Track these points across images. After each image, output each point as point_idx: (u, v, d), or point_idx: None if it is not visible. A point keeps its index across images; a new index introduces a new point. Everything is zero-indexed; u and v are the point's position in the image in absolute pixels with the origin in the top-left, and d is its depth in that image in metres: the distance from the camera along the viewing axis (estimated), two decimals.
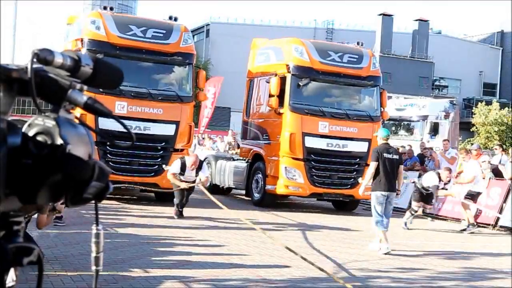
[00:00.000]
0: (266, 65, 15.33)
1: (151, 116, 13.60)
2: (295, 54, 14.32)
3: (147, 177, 13.71)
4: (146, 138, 13.59)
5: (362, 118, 14.80)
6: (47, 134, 1.18)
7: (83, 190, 1.21)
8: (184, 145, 14.13)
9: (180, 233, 9.92)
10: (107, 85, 1.46)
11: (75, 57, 1.29)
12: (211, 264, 7.57)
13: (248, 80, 16.37)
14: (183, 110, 13.99)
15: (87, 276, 6.25)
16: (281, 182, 14.15)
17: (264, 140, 14.99)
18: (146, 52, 13.67)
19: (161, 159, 13.86)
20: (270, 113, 14.65)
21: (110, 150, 13.35)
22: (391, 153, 9.68)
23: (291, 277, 7.23)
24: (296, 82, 14.27)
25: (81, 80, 1.30)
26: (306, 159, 14.16)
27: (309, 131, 14.13)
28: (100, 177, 1.23)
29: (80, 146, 1.22)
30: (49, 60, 1.24)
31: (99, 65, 1.35)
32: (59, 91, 1.25)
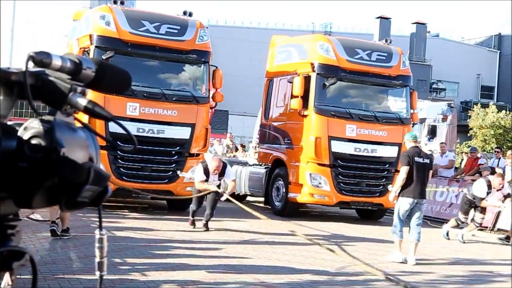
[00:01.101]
0: (287, 64, 14.28)
1: (165, 118, 12.59)
2: (320, 52, 13.27)
3: (161, 184, 12.70)
4: (160, 142, 12.60)
5: (392, 120, 13.75)
6: (42, 137, 1.17)
7: (77, 193, 1.18)
8: (200, 150, 13.11)
9: (178, 236, 9.77)
10: (113, 89, 1.44)
11: (76, 60, 1.27)
12: (210, 267, 7.55)
13: (266, 81, 15.33)
14: (199, 112, 12.98)
15: (84, 280, 6.27)
16: (305, 190, 13.09)
17: (286, 144, 13.93)
18: (159, 50, 12.66)
19: (176, 164, 12.85)
20: (293, 115, 13.60)
21: (121, 155, 12.35)
22: (422, 157, 9.09)
23: (290, 280, 7.21)
24: (322, 82, 13.22)
25: (84, 83, 1.29)
26: (333, 165, 13.10)
27: (336, 134, 13.08)
28: (97, 180, 1.20)
29: (77, 150, 1.20)
30: (46, 63, 1.22)
31: (103, 68, 1.33)
32: (59, 94, 1.25)
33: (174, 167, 12.79)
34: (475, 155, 16.81)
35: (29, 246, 7.81)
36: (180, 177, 12.73)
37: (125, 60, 12.67)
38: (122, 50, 12.38)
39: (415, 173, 8.89)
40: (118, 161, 12.36)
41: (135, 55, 12.66)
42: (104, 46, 12.27)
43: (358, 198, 13.29)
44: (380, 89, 14.18)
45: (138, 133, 12.35)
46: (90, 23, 12.64)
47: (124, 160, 12.40)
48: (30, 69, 1.21)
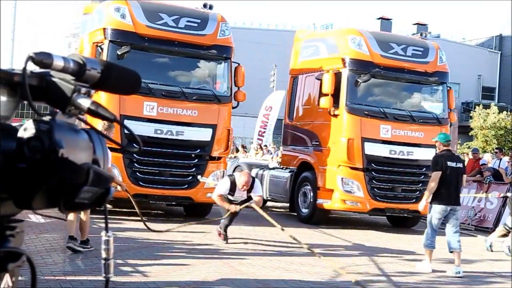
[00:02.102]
0: (314, 59, 13.28)
1: (185, 118, 11.64)
2: (352, 46, 12.26)
3: (180, 189, 11.74)
4: (179, 144, 11.66)
5: (429, 120, 12.74)
6: (41, 138, 1.16)
7: (75, 195, 1.17)
8: (221, 153, 12.16)
9: (179, 237, 9.63)
10: (120, 90, 1.43)
11: (80, 60, 1.26)
12: (210, 269, 7.52)
13: (291, 78, 14.33)
14: (221, 112, 12.03)
15: (85, 281, 6.27)
16: (336, 196, 12.08)
17: (314, 146, 12.93)
18: (178, 45, 11.71)
19: (196, 168, 11.89)
20: (322, 114, 12.60)
21: (137, 159, 11.39)
22: (454, 161, 8.59)
23: (290, 281, 7.19)
24: (354, 79, 12.21)
25: (89, 84, 1.28)
26: (366, 169, 12.09)
27: (369, 136, 12.07)
28: (97, 182, 1.19)
29: (77, 151, 1.20)
30: (46, 63, 1.21)
31: (110, 69, 1.31)
32: (62, 95, 1.24)
33: (194, 172, 11.84)
34: (477, 156, 16.54)
35: (30, 247, 7.68)
36: (201, 183, 11.78)
37: (142, 56, 11.75)
38: (139, 45, 11.45)
39: (447, 178, 8.37)
40: (134, 165, 11.41)
41: (152, 50, 11.72)
42: (119, 40, 11.33)
43: (393, 204, 12.26)
44: (415, 87, 13.17)
45: (155, 135, 11.42)
46: (104, 16, 11.70)
47: (141, 164, 11.45)
48: (34, 70, 1.22)
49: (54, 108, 1.27)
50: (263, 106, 24.57)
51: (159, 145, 11.49)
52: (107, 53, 11.25)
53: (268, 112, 24.77)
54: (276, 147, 24.82)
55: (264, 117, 24.89)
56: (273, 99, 25.08)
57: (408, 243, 11.26)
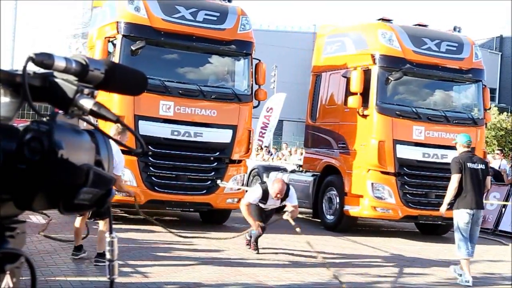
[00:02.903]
0: (340, 56, 12.45)
1: (203, 119, 10.84)
2: (383, 42, 11.42)
3: (198, 195, 10.94)
4: (197, 146, 10.87)
5: (464, 121, 11.88)
6: (41, 139, 1.15)
7: (73, 196, 1.16)
8: (242, 156, 11.35)
9: (179, 238, 9.40)
10: (125, 90, 1.43)
11: (82, 61, 1.25)
12: (211, 269, 7.53)
13: (313, 76, 13.51)
14: (241, 111, 11.23)
15: (86, 282, 6.30)
16: (365, 202, 11.24)
17: (340, 148, 12.09)
18: (196, 39, 10.91)
19: (215, 172, 11.09)
20: (349, 115, 11.77)
21: (153, 162, 10.60)
22: (475, 163, 8.22)
23: (290, 282, 7.21)
24: (385, 76, 11.37)
25: (93, 84, 1.27)
26: (398, 173, 11.25)
27: (401, 138, 11.23)
28: (97, 183, 1.18)
29: (78, 152, 1.18)
30: (47, 64, 1.21)
31: (114, 69, 1.29)
32: (65, 96, 1.23)
33: (213, 176, 11.05)
34: None
35: (31, 248, 7.61)
36: (220, 188, 10.98)
37: (157, 52, 10.98)
38: (154, 40, 10.66)
39: (468, 181, 8.04)
40: (150, 169, 10.62)
41: (168, 45, 10.92)
42: (133, 35, 10.54)
43: (427, 211, 11.39)
44: (449, 85, 12.31)
45: (172, 136, 10.64)
46: (117, 9, 10.91)
47: (157, 168, 10.66)
48: (38, 71, 1.21)
49: (55, 109, 1.26)
50: (264, 108, 24.53)
51: (176, 148, 10.71)
52: (120, 48, 10.47)
53: (269, 113, 24.98)
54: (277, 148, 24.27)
55: (265, 118, 25.09)
56: (274, 101, 25.22)
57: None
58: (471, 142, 8.46)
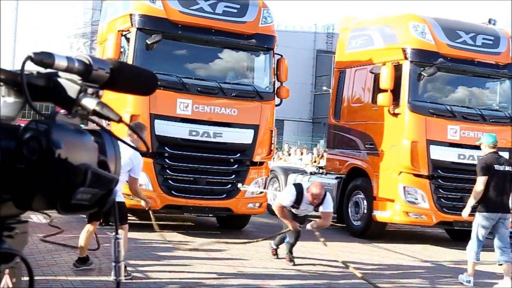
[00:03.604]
0: (367, 50, 11.70)
1: (223, 118, 10.14)
2: (415, 35, 10.66)
3: (218, 199, 10.23)
4: (217, 148, 10.15)
5: (501, 120, 11.14)
6: (39, 138, 1.14)
7: (70, 196, 1.15)
8: (264, 157, 10.63)
9: (180, 238, 9.42)
10: (133, 90, 1.41)
11: (86, 60, 1.24)
12: (212, 269, 7.51)
13: (336, 72, 12.77)
14: (263, 110, 10.52)
15: (86, 281, 6.31)
16: (397, 207, 10.48)
17: (368, 149, 11.34)
18: (216, 33, 10.20)
19: (235, 175, 10.38)
20: (377, 113, 11.02)
21: (170, 165, 9.89)
22: (502, 164, 7.92)
23: (291, 283, 7.21)
24: (417, 72, 10.61)
25: (99, 84, 1.25)
26: (431, 176, 10.49)
27: (435, 138, 10.47)
28: (95, 183, 1.16)
29: (78, 151, 1.16)
30: (47, 63, 1.20)
31: (120, 69, 1.29)
32: (68, 95, 1.22)
33: (233, 179, 10.34)
34: None
35: (32, 247, 7.57)
36: (241, 191, 10.27)
37: (174, 46, 10.28)
38: (171, 33, 9.95)
39: (494, 183, 7.75)
40: (166, 172, 9.91)
41: (186, 39, 10.21)
42: (148, 28, 9.83)
43: None
44: (485, 81, 11.56)
45: (190, 137, 9.93)
46: (130, 1, 10.21)
47: (174, 170, 9.95)
48: (42, 71, 1.22)
49: (56, 108, 1.26)
50: None
51: (194, 149, 10.01)
52: (135, 42, 9.76)
53: None
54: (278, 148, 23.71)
55: None
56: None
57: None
58: (497, 142, 8.02)
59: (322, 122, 46.80)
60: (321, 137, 43.81)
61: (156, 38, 9.74)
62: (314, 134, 44.27)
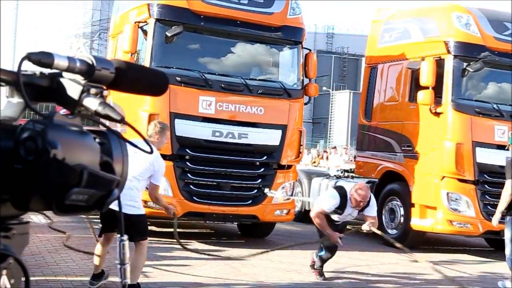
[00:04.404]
0: (402, 44, 10.80)
1: (249, 117, 9.30)
2: (459, 26, 9.74)
3: (243, 206, 9.38)
4: (242, 150, 9.30)
5: None
6: (36, 138, 1.13)
7: (63, 196, 1.12)
8: (292, 160, 9.77)
9: (180, 238, 9.03)
10: (140, 91, 1.37)
11: (88, 60, 1.21)
12: (211, 269, 7.49)
13: (367, 68, 11.89)
14: (292, 109, 9.67)
15: (87, 281, 6.20)
16: (439, 215, 9.57)
17: (405, 152, 10.43)
18: (241, 25, 9.35)
19: (262, 180, 9.53)
20: (416, 112, 10.13)
21: (191, 168, 9.04)
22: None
23: (291, 282, 7.23)
24: (461, 67, 9.70)
25: (104, 84, 1.23)
26: (477, 181, 9.57)
27: (482, 139, 9.56)
28: (92, 183, 1.13)
29: (76, 152, 1.14)
30: (45, 63, 1.17)
31: (125, 69, 1.25)
32: (71, 96, 1.21)
33: (259, 184, 9.48)
34: None
35: (32, 247, 7.54)
36: (268, 197, 9.42)
37: (196, 39, 9.44)
38: (192, 25, 9.11)
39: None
40: (187, 176, 9.06)
41: (208, 32, 9.36)
42: (168, 19, 8.99)
43: None
44: None
45: (213, 138, 9.09)
46: None
47: (195, 174, 9.11)
48: (44, 71, 1.20)
49: (56, 108, 1.25)
50: None
51: (217, 151, 9.16)
52: (153, 35, 8.92)
53: None
54: None
55: None
56: None
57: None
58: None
59: (322, 123, 46.00)
60: (321, 137, 43.05)
61: (176, 30, 8.90)
62: (314, 134, 43.48)
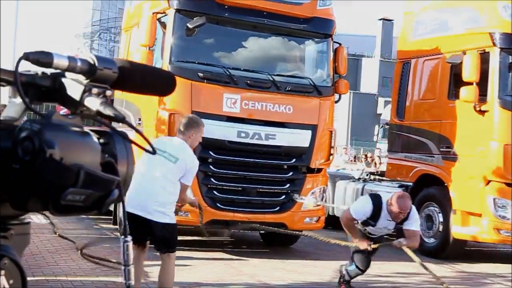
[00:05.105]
0: (439, 37, 9.99)
1: (277, 117, 8.56)
2: (505, 16, 8.93)
3: (270, 213, 8.62)
4: (269, 152, 8.55)
5: None
6: (33, 138, 1.12)
7: (59, 196, 1.10)
8: (322, 163, 9.00)
9: (179, 238, 9.05)
10: (145, 90, 1.37)
11: (90, 60, 1.19)
12: (211, 269, 7.46)
13: (398, 63, 11.08)
14: (322, 107, 8.92)
15: (87, 281, 6.33)
16: (485, 222, 8.76)
17: (443, 153, 9.62)
18: (268, 16, 8.59)
19: (290, 184, 8.77)
20: (456, 111, 9.35)
21: (214, 172, 8.29)
22: None
23: (291, 281, 7.22)
24: (509, 61, 8.91)
25: (107, 84, 1.20)
26: None
27: None
28: (89, 183, 1.11)
29: (75, 152, 1.13)
30: (44, 62, 1.16)
31: (130, 68, 1.23)
32: (72, 96, 1.19)
33: (288, 189, 8.72)
34: None
35: (32, 247, 7.46)
36: (297, 204, 8.67)
37: (219, 31, 8.69)
38: (216, 16, 8.35)
39: None
40: (211, 181, 8.32)
41: (233, 23, 8.60)
42: (189, 9, 8.24)
43: None
44: None
45: (239, 139, 8.34)
46: None
47: (219, 179, 8.35)
48: (46, 71, 1.19)
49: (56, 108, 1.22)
50: None
51: (243, 153, 8.41)
52: (173, 27, 8.19)
53: None
54: None
55: None
56: None
57: None
58: None
59: None
60: None
61: (198, 21, 8.13)
62: None
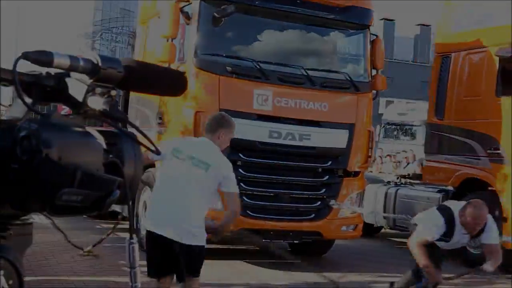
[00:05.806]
0: (484, 28, 9.20)
1: (311, 115, 7.83)
2: None
3: (304, 221, 7.88)
4: (304, 154, 7.80)
5: None
6: (31, 138, 1.12)
7: (53, 196, 1.09)
8: (360, 166, 8.25)
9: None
10: (153, 90, 1.34)
11: (93, 59, 1.19)
12: (211, 269, 6.80)
13: (437, 57, 10.27)
14: (360, 105, 8.18)
15: (89, 281, 6.37)
16: None
17: (492, 155, 8.82)
18: (301, 4, 7.87)
19: (326, 189, 8.01)
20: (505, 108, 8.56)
21: (244, 176, 7.53)
22: None
23: (292, 281, 7.20)
24: None
25: (112, 84, 1.20)
26: None
27: None
28: (86, 184, 1.09)
29: (74, 152, 1.11)
30: (44, 62, 1.16)
31: (136, 68, 1.22)
32: (75, 96, 1.18)
33: (323, 194, 7.97)
34: None
35: (34, 248, 5.53)
36: (333, 210, 7.92)
37: (249, 21, 7.96)
38: (245, 5, 7.61)
39: None
40: (240, 185, 7.44)
41: (263, 13, 7.85)
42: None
43: None
44: None
45: (270, 139, 7.60)
46: None
47: (249, 184, 7.60)
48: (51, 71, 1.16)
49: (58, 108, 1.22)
50: None
51: (275, 155, 7.67)
52: (198, 17, 7.46)
53: None
54: None
55: None
56: None
57: None
58: None
59: None
60: None
61: (227, 10, 7.38)
62: None
